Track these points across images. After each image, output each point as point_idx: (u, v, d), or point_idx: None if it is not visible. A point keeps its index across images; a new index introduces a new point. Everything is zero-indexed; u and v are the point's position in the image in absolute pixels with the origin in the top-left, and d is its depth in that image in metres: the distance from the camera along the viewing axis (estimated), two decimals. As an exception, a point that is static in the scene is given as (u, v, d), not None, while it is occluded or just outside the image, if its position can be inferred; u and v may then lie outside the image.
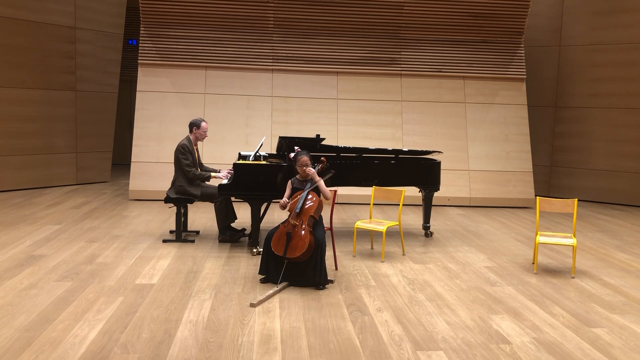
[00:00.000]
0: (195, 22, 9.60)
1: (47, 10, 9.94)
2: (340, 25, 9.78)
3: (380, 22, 9.82)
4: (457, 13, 9.82)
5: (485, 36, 10.03)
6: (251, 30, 9.72)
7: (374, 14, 9.74)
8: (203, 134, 6.62)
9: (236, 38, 9.69)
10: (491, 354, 3.69)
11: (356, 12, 9.71)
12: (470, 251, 6.47)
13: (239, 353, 3.60)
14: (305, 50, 9.79)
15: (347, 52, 9.84)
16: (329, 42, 9.82)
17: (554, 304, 4.70)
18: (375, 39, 9.90)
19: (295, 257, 4.86)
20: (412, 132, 9.79)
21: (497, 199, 9.71)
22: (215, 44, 9.65)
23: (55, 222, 7.29)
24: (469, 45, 10.02)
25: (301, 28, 9.78)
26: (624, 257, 6.40)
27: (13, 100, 9.67)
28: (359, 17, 9.75)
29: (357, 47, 9.86)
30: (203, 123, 6.60)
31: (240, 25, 9.68)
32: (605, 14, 10.17)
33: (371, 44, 9.89)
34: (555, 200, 5.75)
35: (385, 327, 4.10)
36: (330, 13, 9.69)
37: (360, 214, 8.56)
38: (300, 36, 9.80)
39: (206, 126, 6.63)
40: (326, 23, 9.76)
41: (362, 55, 9.87)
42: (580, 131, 10.50)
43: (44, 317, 4.07)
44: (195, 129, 6.57)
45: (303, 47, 9.79)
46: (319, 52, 9.81)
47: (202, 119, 6.68)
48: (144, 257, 5.75)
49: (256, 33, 9.73)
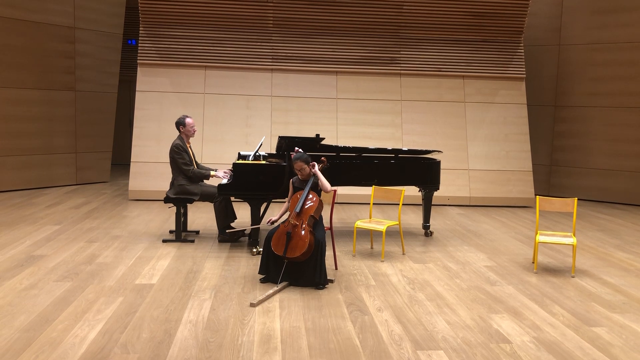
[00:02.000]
0: (194, 22, 9.60)
1: (46, 10, 9.94)
2: (340, 24, 9.78)
3: (380, 22, 9.82)
4: (456, 12, 9.82)
5: (485, 35, 10.03)
6: (251, 30, 9.71)
7: (373, 14, 9.74)
8: (191, 130, 6.55)
9: (236, 38, 9.69)
10: (491, 354, 3.69)
11: (356, 11, 9.70)
12: (470, 250, 6.47)
13: (239, 353, 3.60)
14: (304, 50, 9.79)
15: (346, 51, 9.83)
16: (329, 41, 9.82)
17: (554, 303, 4.70)
18: (374, 38, 9.89)
19: (295, 257, 4.86)
20: (411, 131, 9.79)
21: (497, 198, 9.71)
22: (214, 43, 9.65)
23: (55, 222, 7.29)
24: (468, 44, 10.02)
25: (301, 28, 9.78)
26: (624, 256, 6.40)
27: (12, 100, 9.66)
28: (359, 17, 9.75)
29: (356, 46, 9.86)
30: (187, 119, 6.53)
31: (239, 25, 9.68)
32: (604, 13, 10.17)
33: (371, 43, 9.89)
34: (555, 199, 5.75)
35: (385, 326, 4.10)
36: (330, 13, 9.69)
37: (360, 213, 8.56)
38: (299, 36, 9.80)
39: (191, 121, 6.55)
40: (326, 23, 9.76)
41: (361, 54, 9.87)
42: (580, 130, 10.50)
43: (44, 318, 4.07)
44: (182, 127, 6.51)
45: (303, 47, 9.79)
46: (319, 51, 9.80)
47: (185, 115, 6.60)
48: (144, 257, 5.75)
49: (256, 33, 9.73)
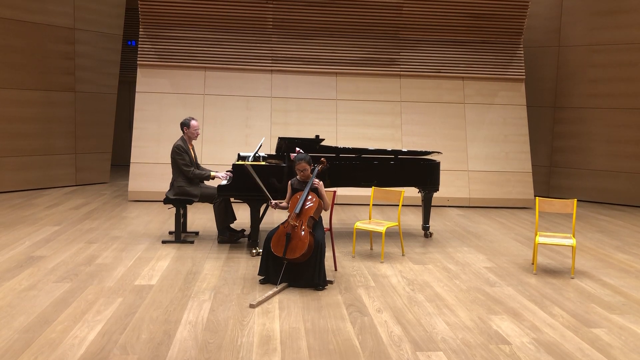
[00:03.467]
0: (194, 23, 9.60)
1: (46, 11, 9.94)
2: (339, 26, 9.79)
3: (379, 23, 9.82)
4: (456, 14, 9.83)
5: (484, 37, 10.04)
6: (250, 31, 9.72)
7: (373, 15, 9.75)
8: (194, 133, 6.56)
9: (235, 39, 9.69)
10: (491, 355, 3.69)
11: (355, 12, 9.71)
12: (470, 252, 6.47)
13: (239, 354, 3.60)
14: (304, 51, 9.79)
15: (346, 52, 9.84)
16: (328, 43, 9.82)
17: (553, 305, 4.70)
18: (374, 39, 9.90)
19: (294, 258, 4.85)
20: (411, 132, 9.80)
21: (497, 199, 9.71)
22: (214, 45, 9.65)
23: (54, 223, 7.29)
24: (468, 45, 10.03)
25: (300, 29, 9.78)
26: (624, 258, 6.40)
27: (12, 101, 9.66)
28: (358, 18, 9.75)
29: (356, 47, 9.86)
30: (192, 121, 6.54)
31: (239, 26, 9.69)
32: (604, 15, 10.18)
33: (370, 44, 9.89)
34: (555, 200, 5.75)
35: (384, 327, 4.10)
36: (329, 14, 9.70)
37: (360, 214, 8.56)
38: (299, 37, 9.80)
39: (196, 124, 6.57)
40: (325, 24, 9.76)
41: (361, 56, 9.87)
42: (580, 131, 10.50)
43: (43, 318, 4.06)
44: (186, 129, 6.52)
45: (302, 48, 9.79)
46: (318, 53, 9.81)
47: (191, 117, 6.60)
48: (143, 258, 5.75)
49: (255, 34, 9.73)
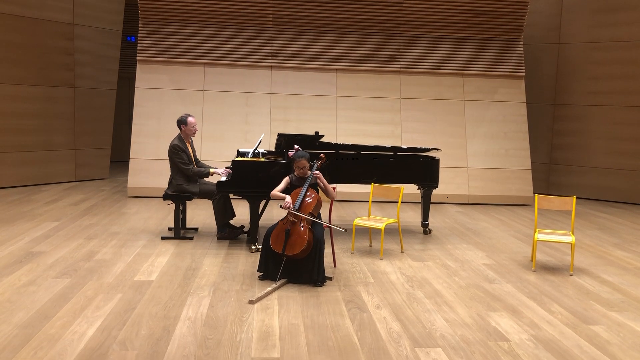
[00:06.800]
0: (194, 19, 9.58)
1: (45, 7, 9.92)
2: (339, 22, 9.77)
3: (379, 20, 9.81)
4: (456, 10, 9.81)
5: (484, 34, 10.02)
6: (250, 28, 9.70)
7: (373, 11, 9.73)
8: (192, 129, 6.51)
9: (235, 35, 9.67)
10: (489, 351, 3.69)
11: (355, 9, 9.69)
12: (469, 249, 6.47)
13: (238, 350, 3.61)
14: (304, 48, 9.78)
15: (346, 49, 9.83)
16: (328, 39, 9.81)
17: (552, 302, 4.71)
18: (374, 36, 9.89)
19: (294, 254, 4.86)
20: (411, 129, 9.79)
21: (496, 196, 9.71)
22: (214, 41, 9.63)
23: (53, 219, 7.29)
24: (468, 42, 10.02)
25: (300, 25, 9.77)
26: (622, 255, 6.41)
27: (11, 97, 9.64)
28: (358, 15, 9.73)
29: (356, 44, 9.85)
30: (190, 118, 6.49)
31: (239, 22, 9.67)
32: (604, 12, 10.16)
33: (370, 41, 9.88)
34: (554, 197, 5.75)
35: (383, 324, 4.11)
36: (329, 10, 9.68)
37: (359, 211, 8.56)
38: (299, 33, 9.79)
39: (193, 121, 6.52)
40: (325, 20, 9.75)
41: (361, 52, 9.86)
42: (579, 129, 10.50)
43: (43, 314, 4.07)
44: (184, 126, 6.47)
45: (302, 45, 9.78)
46: (318, 49, 9.79)
47: (188, 114, 6.56)
48: (143, 254, 5.75)
49: (255, 30, 9.72)
